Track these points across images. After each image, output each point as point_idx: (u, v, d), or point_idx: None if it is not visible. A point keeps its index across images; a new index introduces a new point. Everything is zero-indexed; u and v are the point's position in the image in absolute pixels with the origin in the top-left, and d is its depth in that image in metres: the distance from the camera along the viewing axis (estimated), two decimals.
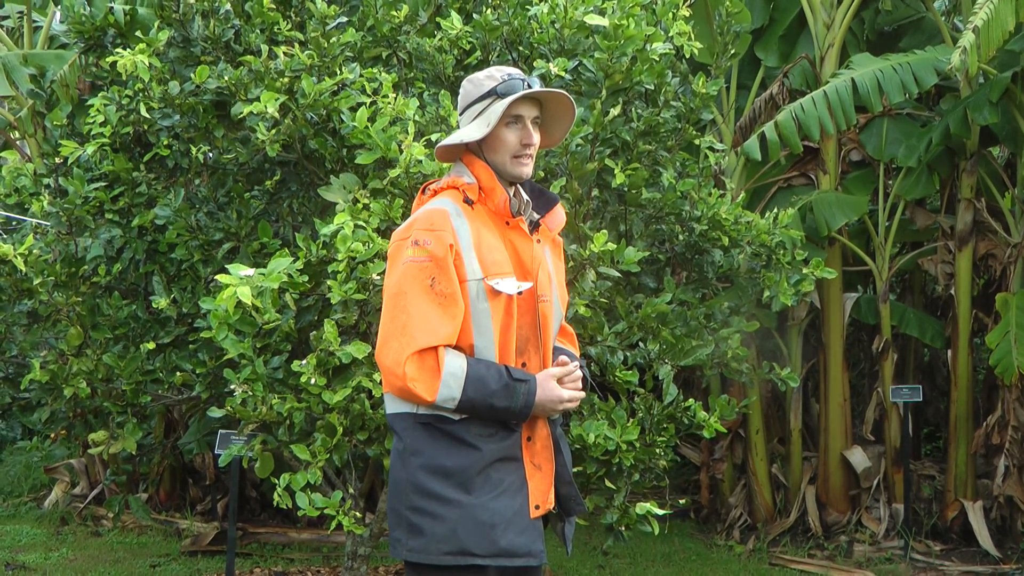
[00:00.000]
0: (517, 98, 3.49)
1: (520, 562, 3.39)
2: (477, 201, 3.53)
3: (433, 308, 3.35)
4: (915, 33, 10.04)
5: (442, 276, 3.37)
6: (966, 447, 9.48)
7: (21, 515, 10.45)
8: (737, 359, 6.14)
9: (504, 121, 3.52)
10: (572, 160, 5.37)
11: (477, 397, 3.33)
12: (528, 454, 3.48)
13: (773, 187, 9.93)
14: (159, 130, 5.86)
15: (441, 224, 3.43)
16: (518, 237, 3.53)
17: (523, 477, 3.46)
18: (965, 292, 9.46)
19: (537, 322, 3.51)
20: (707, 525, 10.33)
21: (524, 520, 3.43)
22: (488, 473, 3.40)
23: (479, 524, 3.35)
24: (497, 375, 3.36)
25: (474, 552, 3.35)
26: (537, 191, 3.70)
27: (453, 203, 3.50)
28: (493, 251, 3.45)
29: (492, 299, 3.40)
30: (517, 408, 3.37)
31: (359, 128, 5.10)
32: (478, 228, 3.47)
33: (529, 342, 3.50)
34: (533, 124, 3.56)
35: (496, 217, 3.53)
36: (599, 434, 5.12)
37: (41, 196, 6.21)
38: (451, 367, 3.32)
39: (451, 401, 3.33)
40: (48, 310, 5.95)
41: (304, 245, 5.06)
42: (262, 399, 4.86)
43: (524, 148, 3.53)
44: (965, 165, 9.33)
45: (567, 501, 3.61)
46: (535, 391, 3.39)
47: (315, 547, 9.19)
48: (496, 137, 3.53)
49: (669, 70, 5.93)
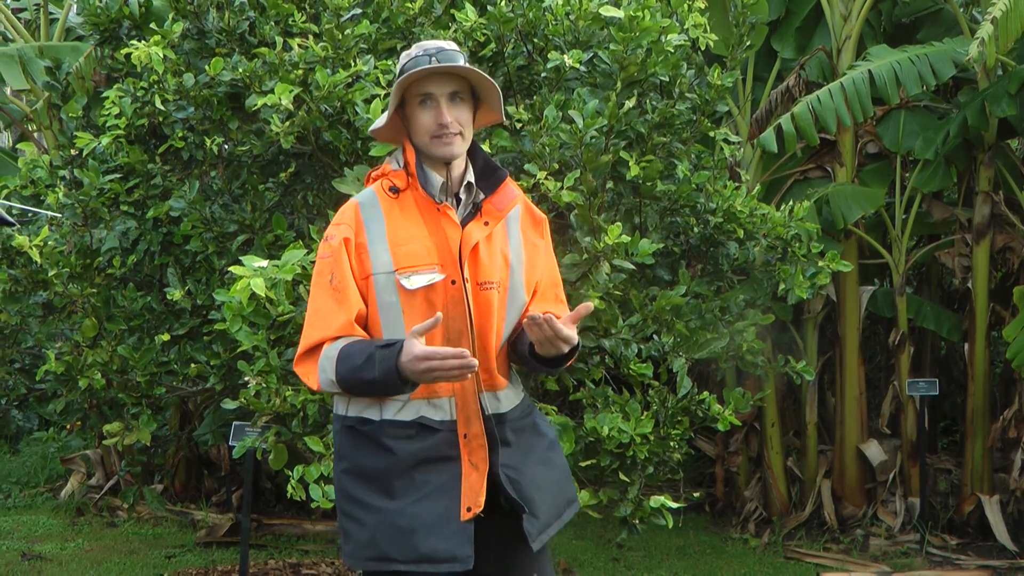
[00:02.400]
0: (417, 78, 3.36)
1: (444, 568, 3.27)
2: (406, 188, 3.46)
3: (328, 303, 3.33)
4: (933, 25, 9.98)
5: (337, 270, 3.34)
6: (983, 441, 9.44)
7: (37, 505, 10.48)
8: (752, 352, 6.12)
9: (416, 100, 3.41)
10: (586, 152, 5.36)
11: (348, 374, 3.24)
12: (466, 452, 3.37)
13: (789, 179, 9.90)
14: (174, 122, 5.86)
15: (345, 218, 3.43)
16: (447, 223, 3.40)
17: (457, 476, 3.34)
18: (982, 285, 9.42)
19: (467, 312, 3.37)
20: (722, 518, 10.30)
21: (450, 524, 3.29)
22: (412, 476, 3.31)
23: (398, 530, 3.28)
24: (365, 348, 3.24)
25: (394, 558, 3.28)
26: (489, 169, 3.55)
27: (374, 193, 3.47)
28: (411, 241, 3.37)
29: (402, 293, 3.32)
30: (379, 377, 3.18)
31: (373, 120, 5.09)
32: (396, 218, 3.40)
33: (463, 335, 3.37)
34: (451, 100, 3.40)
35: (427, 203, 3.43)
36: (613, 427, 5.12)
37: (57, 188, 6.23)
38: (327, 351, 3.28)
39: (331, 384, 3.29)
40: (63, 301, 5.97)
41: (318, 237, 5.06)
42: (276, 391, 4.87)
43: (440, 128, 3.37)
44: (983, 158, 9.29)
45: (512, 503, 3.41)
46: (395, 356, 3.15)
47: (329, 539, 9.20)
48: (411, 118, 3.44)
49: (684, 62, 5.91)
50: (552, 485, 3.54)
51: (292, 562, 7.89)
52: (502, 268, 3.46)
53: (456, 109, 3.41)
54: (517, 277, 3.50)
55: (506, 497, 3.41)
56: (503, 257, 3.47)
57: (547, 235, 3.69)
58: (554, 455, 3.61)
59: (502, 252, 3.48)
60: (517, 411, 3.52)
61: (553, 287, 3.67)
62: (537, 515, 3.44)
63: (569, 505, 3.64)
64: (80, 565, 8.19)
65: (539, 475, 3.50)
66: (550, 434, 3.65)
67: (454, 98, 3.41)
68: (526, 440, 3.52)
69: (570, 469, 3.80)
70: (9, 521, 9.71)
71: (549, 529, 3.48)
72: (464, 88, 3.44)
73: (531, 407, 3.64)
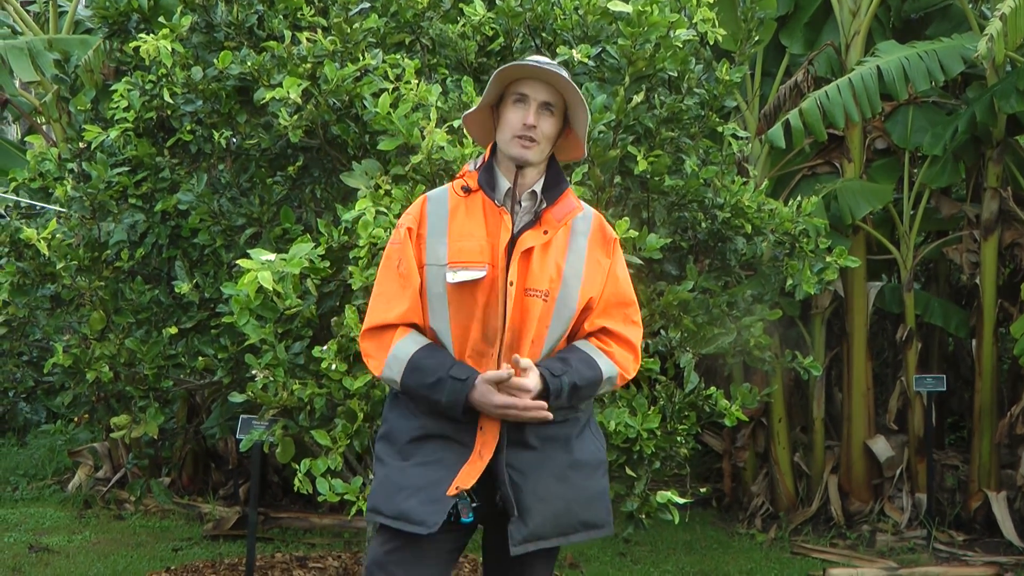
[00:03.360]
0: (520, 75, 3.52)
1: (411, 528, 3.40)
2: (477, 189, 3.58)
3: (393, 287, 3.51)
4: (942, 20, 9.96)
5: (404, 257, 3.51)
6: (990, 437, 9.44)
7: (45, 498, 10.51)
8: (759, 347, 6.11)
9: (511, 99, 3.54)
10: (595, 147, 5.35)
11: (415, 387, 3.44)
12: (479, 443, 3.45)
13: (797, 175, 9.90)
14: (182, 115, 5.86)
15: (412, 210, 3.63)
16: (503, 227, 3.50)
17: (463, 459, 3.45)
18: (990, 281, 9.41)
19: (502, 314, 3.46)
20: (729, 513, 10.31)
21: (435, 492, 3.41)
22: (426, 444, 3.49)
23: (391, 485, 3.48)
24: (437, 367, 3.42)
25: (380, 511, 3.48)
26: (555, 180, 3.64)
27: (446, 190, 3.64)
28: (468, 239, 3.50)
29: (448, 285, 3.45)
30: (444, 403, 3.40)
31: (381, 114, 5.09)
32: (460, 216, 3.54)
33: (497, 333, 3.47)
34: (543, 108, 3.52)
35: (492, 205, 3.55)
36: (620, 422, 5.11)
37: (65, 180, 6.23)
38: (397, 350, 3.47)
39: (394, 383, 3.49)
40: (71, 294, 5.97)
41: (326, 231, 5.06)
42: (283, 384, 4.86)
43: (525, 129, 3.49)
44: (991, 154, 9.28)
45: (504, 501, 3.47)
46: (467, 391, 3.37)
47: (336, 532, 9.21)
48: (502, 114, 3.57)
49: (693, 57, 5.90)
50: (560, 501, 3.53)
51: (299, 555, 7.90)
52: (554, 278, 3.52)
53: (544, 119, 3.54)
54: (568, 290, 3.54)
55: (501, 495, 3.47)
56: (556, 268, 3.53)
57: (617, 254, 3.72)
58: (578, 475, 3.58)
59: (557, 263, 3.54)
60: (545, 425, 3.50)
61: (620, 307, 3.68)
62: (526, 523, 3.46)
63: (585, 529, 3.62)
64: (87, 557, 8.20)
65: (547, 487, 3.50)
66: (585, 455, 3.62)
67: (546, 108, 3.54)
68: (550, 451, 3.54)
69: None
70: (16, 513, 9.74)
71: (541, 542, 3.50)
72: (558, 104, 3.56)
73: (576, 422, 3.63)
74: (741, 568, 8.44)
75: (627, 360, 3.65)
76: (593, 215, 3.69)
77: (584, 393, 3.54)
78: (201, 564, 7.60)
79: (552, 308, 3.51)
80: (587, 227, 3.63)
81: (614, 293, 3.66)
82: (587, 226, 3.64)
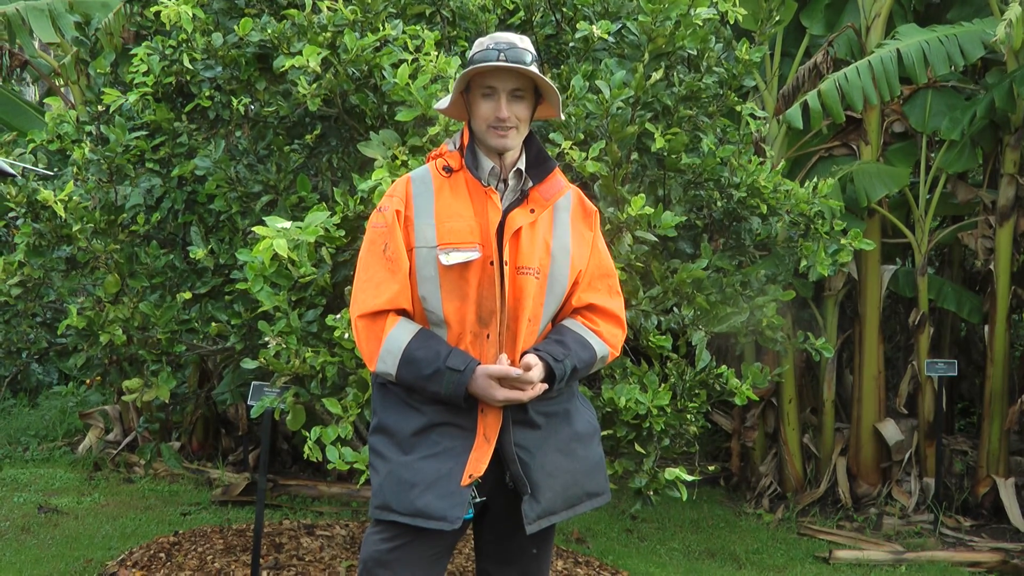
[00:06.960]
0: (483, 71, 3.50)
1: (433, 525, 3.39)
2: (459, 169, 3.58)
3: (381, 272, 3.48)
4: (962, 5, 9.93)
5: (391, 241, 3.48)
6: (1000, 423, 9.44)
7: (55, 459, 10.56)
8: (772, 327, 6.11)
9: (479, 92, 3.54)
10: (612, 123, 5.35)
11: (410, 378, 3.43)
12: (482, 425, 3.46)
13: (814, 156, 9.88)
14: (201, 81, 5.86)
15: (396, 191, 3.58)
16: (491, 207, 3.50)
17: (468, 444, 3.46)
18: (1005, 268, 9.40)
19: (499, 294, 3.47)
20: (736, 493, 10.33)
21: (449, 485, 3.41)
22: (428, 435, 3.47)
23: (401, 482, 3.44)
24: (433, 358, 3.41)
25: (394, 508, 3.45)
26: (540, 158, 3.66)
27: (429, 170, 3.61)
28: (456, 219, 3.49)
29: (440, 268, 3.44)
30: (444, 395, 3.40)
31: (400, 85, 5.09)
32: (445, 197, 3.53)
33: (493, 315, 3.47)
34: (511, 97, 3.52)
35: (477, 185, 3.55)
36: (630, 398, 5.12)
37: (83, 143, 6.23)
38: (390, 343, 3.45)
39: (388, 376, 3.47)
40: (86, 257, 5.98)
41: (342, 200, 5.06)
42: (295, 352, 4.88)
43: (498, 121, 3.51)
44: (1009, 140, 9.25)
45: (516, 481, 3.50)
46: (466, 382, 3.38)
47: (344, 501, 9.24)
48: (473, 106, 3.57)
49: (713, 35, 5.89)
50: (567, 475, 3.59)
51: (307, 523, 7.93)
52: (543, 256, 3.54)
53: (516, 105, 3.54)
54: (559, 266, 3.58)
55: (512, 475, 3.49)
56: (545, 245, 3.55)
57: (597, 227, 3.76)
58: (580, 446, 3.65)
59: (545, 240, 3.56)
60: (547, 395, 3.53)
61: (604, 278, 3.73)
62: (539, 500, 3.50)
63: (589, 499, 3.68)
64: (96, 519, 8.25)
65: (554, 462, 3.55)
66: (582, 426, 3.69)
67: (515, 94, 3.54)
68: (553, 426, 3.59)
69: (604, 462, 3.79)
70: (27, 474, 9.79)
71: (552, 516, 3.55)
72: (527, 86, 3.56)
73: (571, 395, 3.69)
74: (747, 548, 8.46)
75: (615, 337, 3.72)
76: (572, 191, 3.72)
77: (580, 374, 3.60)
78: (209, 529, 7.63)
79: (544, 285, 3.54)
80: (568, 202, 3.67)
81: (598, 265, 3.71)
82: (568, 201, 3.67)
